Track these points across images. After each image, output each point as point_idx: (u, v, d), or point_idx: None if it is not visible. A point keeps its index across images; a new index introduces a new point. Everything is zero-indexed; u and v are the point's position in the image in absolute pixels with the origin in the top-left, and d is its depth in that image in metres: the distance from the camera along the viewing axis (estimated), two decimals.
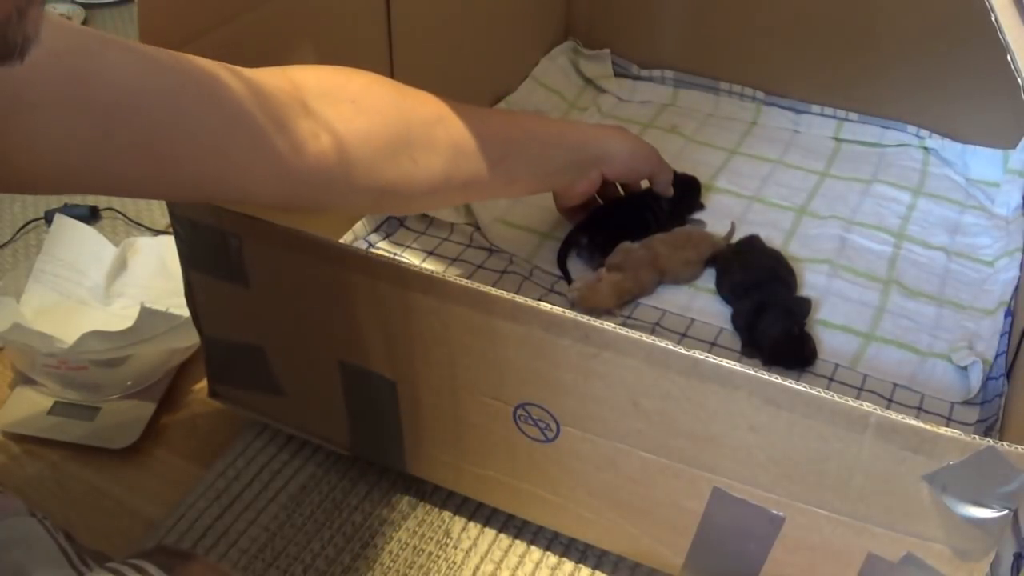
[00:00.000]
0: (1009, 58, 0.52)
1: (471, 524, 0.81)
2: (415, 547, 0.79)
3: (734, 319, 0.95)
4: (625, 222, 1.01)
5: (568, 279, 0.99)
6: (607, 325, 0.60)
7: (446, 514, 0.82)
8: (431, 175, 0.76)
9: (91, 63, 0.55)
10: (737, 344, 0.93)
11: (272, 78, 0.66)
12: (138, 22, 0.67)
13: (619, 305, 0.96)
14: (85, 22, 1.68)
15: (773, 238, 1.05)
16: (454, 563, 0.78)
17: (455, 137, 0.77)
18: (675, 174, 1.04)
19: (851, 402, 0.55)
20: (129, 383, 0.90)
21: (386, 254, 1.01)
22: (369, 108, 0.72)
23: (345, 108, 0.70)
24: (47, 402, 0.90)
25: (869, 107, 1.26)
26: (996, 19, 0.53)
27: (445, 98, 0.78)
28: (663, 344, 0.59)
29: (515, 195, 1.03)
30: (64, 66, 0.54)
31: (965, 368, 0.90)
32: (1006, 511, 0.54)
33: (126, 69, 0.57)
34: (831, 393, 0.55)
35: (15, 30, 0.33)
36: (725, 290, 0.99)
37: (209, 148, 0.62)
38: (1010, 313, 0.94)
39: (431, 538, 0.80)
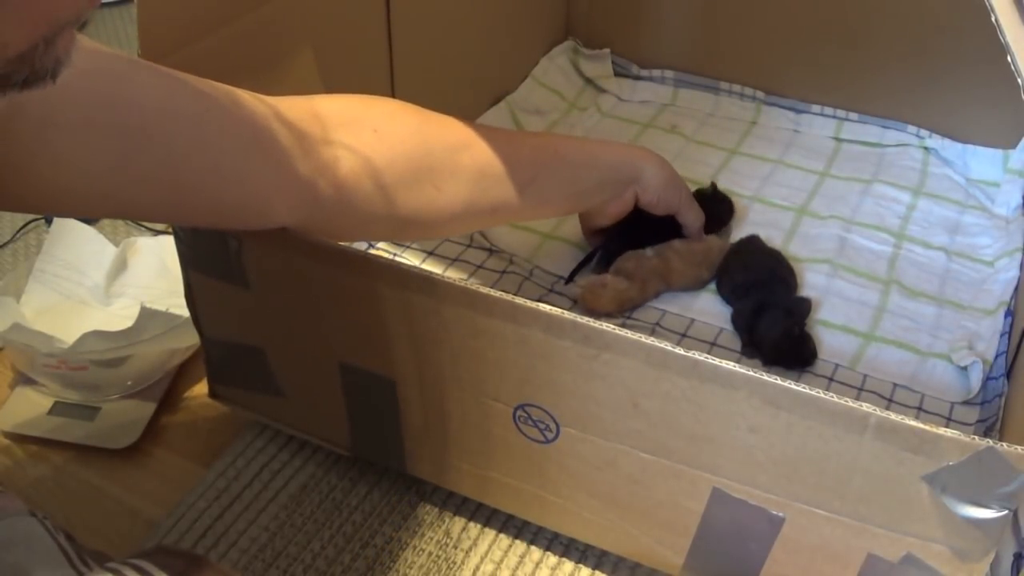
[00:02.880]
0: (1009, 58, 0.52)
1: (471, 524, 0.81)
2: (415, 547, 0.79)
3: (734, 319, 0.95)
4: (646, 239, 0.97)
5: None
6: (607, 326, 0.60)
7: (446, 514, 0.82)
8: (455, 201, 0.75)
9: (119, 86, 0.55)
10: (737, 344, 0.93)
11: (294, 105, 0.66)
12: (138, 22, 0.67)
13: (619, 312, 0.96)
14: (85, 22, 1.68)
15: (773, 238, 1.05)
16: (454, 563, 0.78)
17: (480, 163, 0.76)
18: (707, 194, 1.03)
19: (851, 402, 0.55)
20: (129, 383, 0.90)
21: (386, 255, 1.01)
22: (391, 135, 0.71)
23: (367, 136, 0.70)
24: (47, 402, 0.90)
25: (869, 107, 1.26)
26: (996, 19, 0.53)
27: (471, 123, 0.77)
28: (663, 345, 0.59)
29: (547, 216, 1.01)
30: (94, 88, 0.54)
31: (965, 368, 0.90)
32: (1006, 511, 0.54)
33: (153, 92, 0.57)
34: (831, 393, 0.55)
35: (44, 58, 0.33)
36: (725, 290, 0.99)
37: (230, 176, 0.62)
38: (1010, 313, 0.94)
39: (431, 538, 0.80)
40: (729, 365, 0.57)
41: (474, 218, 0.78)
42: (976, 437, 0.53)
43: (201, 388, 0.92)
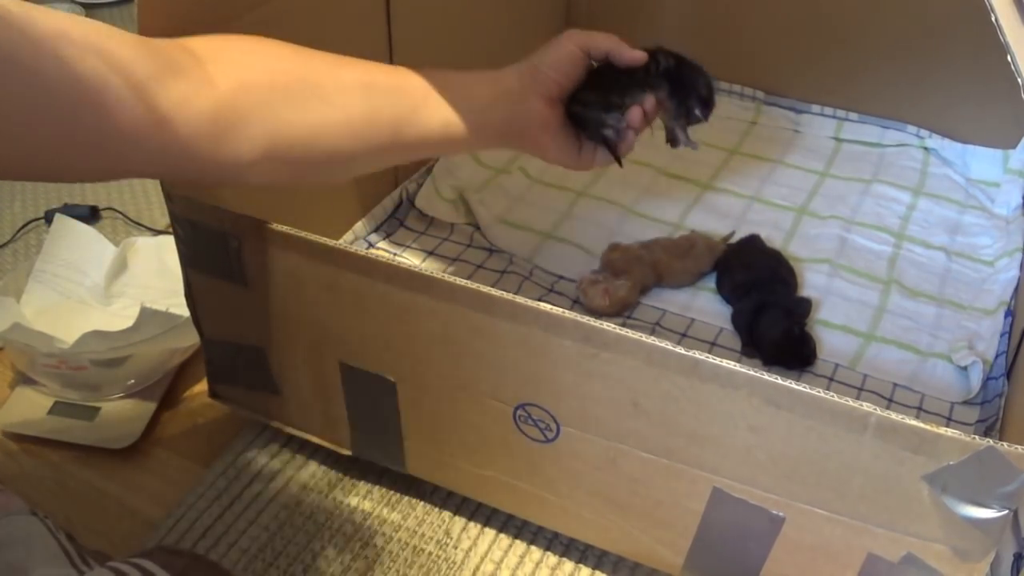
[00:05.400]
0: (1009, 58, 0.52)
1: (471, 524, 0.81)
2: (415, 547, 0.79)
3: (734, 319, 0.95)
4: (615, 82, 0.76)
5: (612, 145, 0.78)
6: (607, 326, 0.60)
7: (446, 514, 0.82)
8: (350, 115, 0.67)
9: None
10: (737, 344, 0.93)
11: (158, 41, 0.60)
12: (138, 22, 0.67)
13: (618, 312, 0.96)
14: None
15: (773, 238, 1.05)
16: (454, 563, 0.78)
17: (368, 77, 0.68)
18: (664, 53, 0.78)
19: (851, 402, 0.55)
20: (129, 383, 0.90)
21: (386, 254, 1.01)
22: (266, 54, 0.65)
23: (238, 56, 0.64)
24: (47, 402, 0.90)
25: (869, 107, 1.26)
26: (996, 19, 0.53)
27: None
28: (663, 344, 0.59)
29: (466, 140, 0.74)
30: None
31: (965, 368, 0.90)
32: (1006, 511, 0.54)
33: None
34: (831, 393, 0.55)
35: None
36: (725, 290, 0.99)
37: (45, 120, 0.52)
38: (1010, 313, 0.94)
39: (431, 538, 0.80)
40: (729, 365, 0.57)
41: (377, 139, 0.68)
42: (976, 437, 0.53)
43: (201, 388, 0.92)
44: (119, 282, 1.03)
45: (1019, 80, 0.51)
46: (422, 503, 0.83)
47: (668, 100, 0.77)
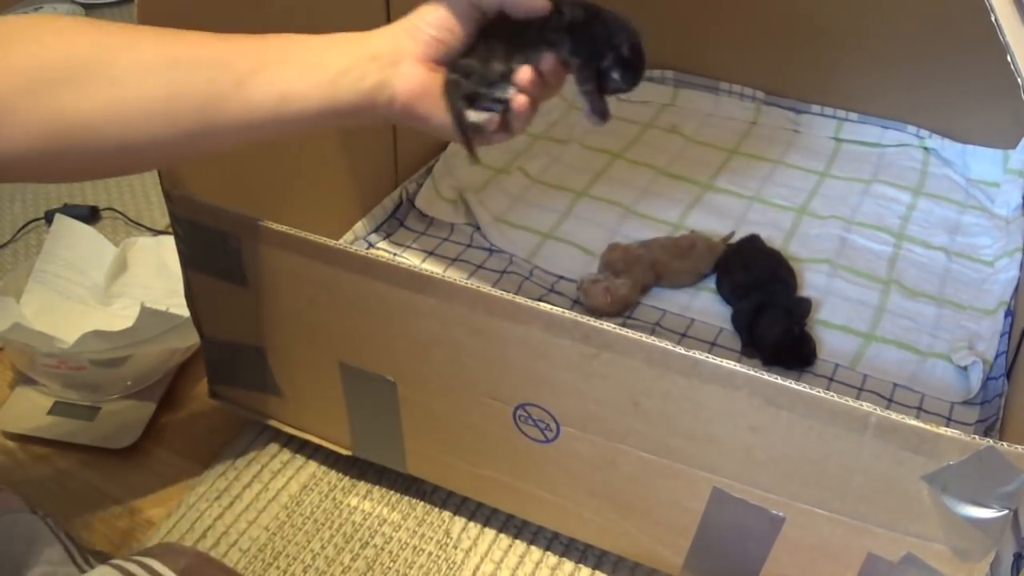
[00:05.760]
0: (1009, 58, 0.52)
1: (471, 524, 0.81)
2: (415, 547, 0.79)
3: (734, 319, 0.95)
4: (506, 41, 0.63)
5: (467, 138, 0.64)
6: (607, 326, 0.60)
7: (446, 514, 0.82)
8: (148, 96, 0.59)
9: None
10: (737, 344, 0.93)
11: None
12: (137, 22, 0.67)
13: (619, 312, 0.96)
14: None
15: (773, 238, 1.05)
16: (454, 563, 0.78)
17: (170, 51, 0.60)
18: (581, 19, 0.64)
19: (851, 402, 0.55)
20: (129, 383, 0.90)
21: (386, 254, 1.01)
22: (36, 38, 0.58)
23: (2, 40, 0.56)
24: (47, 402, 0.90)
25: (869, 107, 1.26)
26: (996, 19, 0.53)
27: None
28: (663, 344, 0.59)
29: (303, 123, 0.63)
30: None
31: (965, 368, 0.90)
32: (1006, 511, 0.54)
33: None
34: (831, 393, 0.55)
35: None
36: (725, 290, 0.99)
37: None
38: (1010, 313, 0.94)
39: (431, 538, 0.80)
40: (729, 364, 0.57)
41: (183, 122, 0.59)
42: (976, 437, 0.53)
43: (201, 388, 0.92)
44: (119, 282, 1.03)
45: (1019, 80, 0.51)
46: (422, 503, 0.83)
47: (572, 59, 0.62)
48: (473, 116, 0.62)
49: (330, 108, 0.61)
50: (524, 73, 0.61)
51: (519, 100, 0.62)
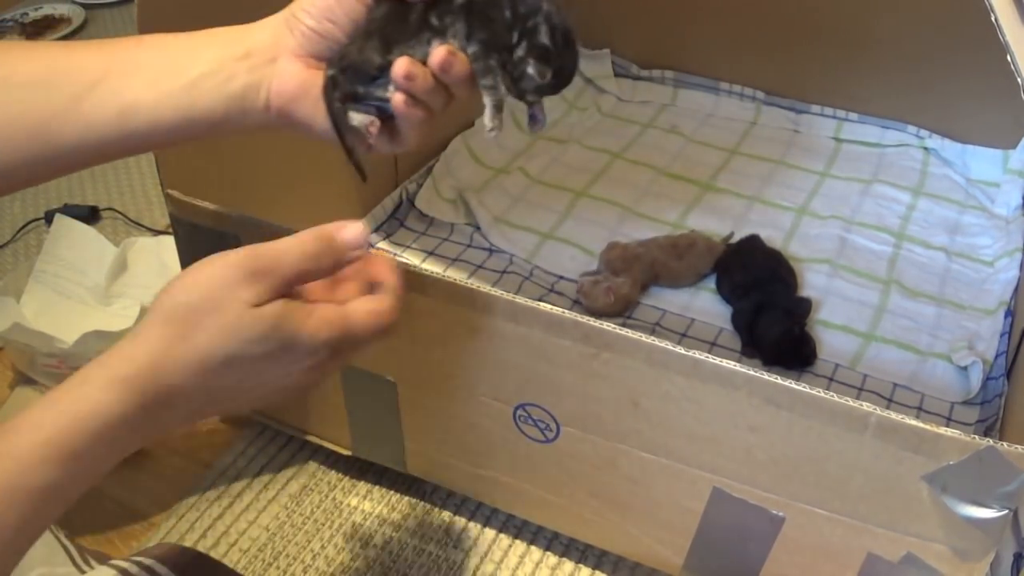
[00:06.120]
0: (1009, 58, 0.52)
1: (471, 524, 0.81)
2: (415, 547, 0.79)
3: (734, 319, 0.95)
4: (390, 30, 0.53)
5: (347, 147, 0.56)
6: (607, 326, 0.60)
7: (446, 514, 0.82)
8: None
9: None
10: (737, 344, 0.93)
11: None
12: (137, 23, 0.67)
13: (620, 311, 0.96)
14: (85, 22, 1.68)
15: (773, 238, 1.05)
16: (454, 563, 0.78)
17: (2, 72, 0.53)
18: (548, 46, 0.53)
19: (851, 402, 0.55)
20: None
21: (386, 255, 1.01)
22: None
23: None
24: None
25: (869, 107, 1.26)
26: (996, 19, 0.53)
27: None
28: (663, 344, 0.59)
29: (154, 139, 0.56)
30: None
31: (965, 368, 0.90)
32: (1006, 511, 0.54)
33: None
34: (831, 393, 0.55)
35: None
36: (725, 290, 0.99)
37: None
38: (1010, 313, 0.94)
39: (431, 538, 0.80)
40: (729, 364, 0.57)
41: (12, 146, 0.53)
42: (976, 437, 0.53)
43: None
44: (119, 282, 1.03)
45: (1019, 80, 0.51)
46: (422, 503, 0.83)
47: (468, 48, 0.51)
48: (354, 119, 0.53)
49: (187, 117, 0.54)
50: (399, 67, 0.51)
51: (396, 100, 0.52)
